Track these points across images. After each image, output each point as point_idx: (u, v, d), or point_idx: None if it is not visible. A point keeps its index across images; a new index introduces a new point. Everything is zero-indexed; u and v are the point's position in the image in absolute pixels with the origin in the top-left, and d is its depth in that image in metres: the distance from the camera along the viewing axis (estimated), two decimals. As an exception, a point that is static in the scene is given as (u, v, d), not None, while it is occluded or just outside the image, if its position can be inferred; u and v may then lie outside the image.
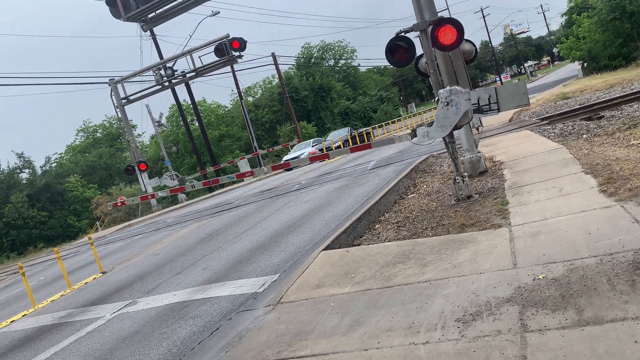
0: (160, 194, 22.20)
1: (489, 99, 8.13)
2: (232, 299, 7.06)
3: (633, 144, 9.77)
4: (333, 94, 64.65)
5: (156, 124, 34.40)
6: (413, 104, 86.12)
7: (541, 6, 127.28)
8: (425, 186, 11.72)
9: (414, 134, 8.77)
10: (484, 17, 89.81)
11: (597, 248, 5.07)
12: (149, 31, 34.08)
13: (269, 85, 65.60)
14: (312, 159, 10.98)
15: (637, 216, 5.61)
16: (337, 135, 36.27)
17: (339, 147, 33.58)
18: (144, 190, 32.10)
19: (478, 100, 8.17)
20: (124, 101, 31.02)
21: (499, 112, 8.38)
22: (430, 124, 8.66)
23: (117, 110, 31.42)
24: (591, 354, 3.35)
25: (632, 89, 20.83)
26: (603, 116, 15.48)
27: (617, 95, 18.98)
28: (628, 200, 6.20)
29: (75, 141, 69.76)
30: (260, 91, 67.04)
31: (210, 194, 34.63)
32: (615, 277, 4.32)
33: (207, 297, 7.51)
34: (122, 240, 20.02)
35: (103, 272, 12.52)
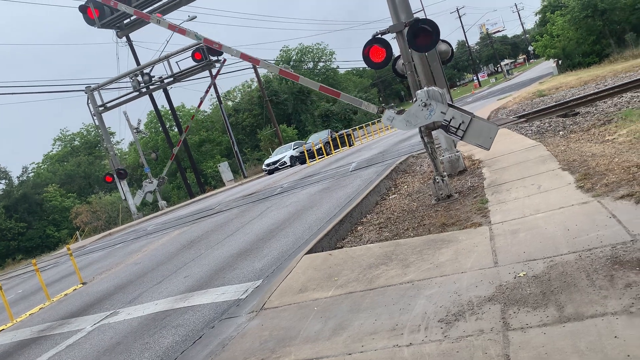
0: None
1: (459, 125, 8.21)
2: (214, 307, 6.99)
3: (608, 139, 9.93)
4: (313, 96, 64.66)
5: (134, 130, 34.00)
6: (392, 104, 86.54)
7: (515, 5, 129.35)
8: (406, 186, 11.76)
9: (382, 110, 8.77)
10: (459, 17, 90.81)
11: (576, 244, 5.12)
12: (124, 37, 33.73)
13: (249, 89, 65.36)
14: (282, 72, 10.85)
15: (613, 211, 5.68)
16: (318, 138, 35.52)
17: (320, 149, 32.92)
18: (123, 198, 31.78)
19: (450, 119, 8.24)
20: (101, 108, 30.73)
21: (461, 140, 8.47)
22: (400, 112, 8.69)
23: (94, 117, 31.12)
24: (573, 351, 3.37)
25: (606, 86, 21.22)
26: (578, 113, 15.72)
27: (591, 92, 19.31)
28: (605, 196, 6.29)
29: (52, 150, 68.71)
30: (239, 95, 66.79)
31: (191, 200, 34.35)
32: (594, 273, 4.36)
33: (189, 305, 7.43)
34: (102, 250, 19.73)
35: (83, 283, 12.32)
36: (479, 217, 7.26)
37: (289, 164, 34.58)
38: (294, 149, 36.09)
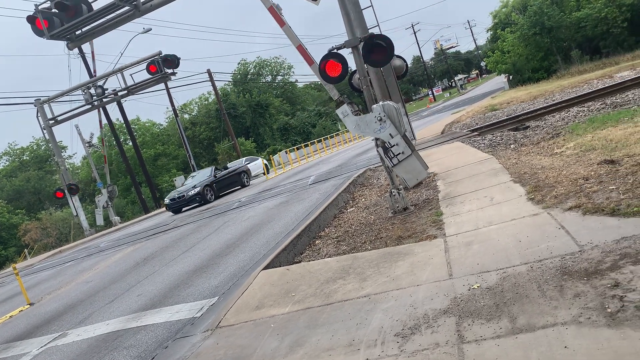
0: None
1: (399, 153, 8.54)
2: (168, 326, 6.79)
3: (556, 152, 10.27)
4: (271, 109, 64.68)
5: (87, 144, 33.04)
6: (354, 102, 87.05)
7: (468, 22, 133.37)
8: (363, 199, 11.82)
9: (341, 101, 8.85)
10: (414, 32, 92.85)
11: (527, 255, 5.22)
12: (77, 49, 32.93)
13: (206, 102, 64.84)
14: (271, 9, 10.17)
15: (562, 222, 5.85)
16: (199, 179, 25.56)
17: (196, 195, 23.89)
18: (75, 214, 30.73)
19: (394, 144, 8.50)
20: (51, 122, 29.74)
21: (392, 167, 8.81)
22: (356, 113, 8.82)
23: (44, 131, 30.07)
24: (525, 362, 3.42)
25: (554, 100, 22.04)
26: (528, 126, 16.24)
27: (541, 106, 20.01)
28: (554, 207, 6.47)
29: (-1, 165, 65.99)
30: (196, 108, 66.08)
31: (146, 215, 33.56)
32: (545, 284, 4.46)
33: (142, 325, 7.19)
34: (52, 268, 18.98)
35: (30, 304, 11.79)
36: (434, 229, 7.34)
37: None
38: (246, 163, 35.26)
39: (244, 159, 37.79)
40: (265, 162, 38.24)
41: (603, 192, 6.43)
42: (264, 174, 35.75)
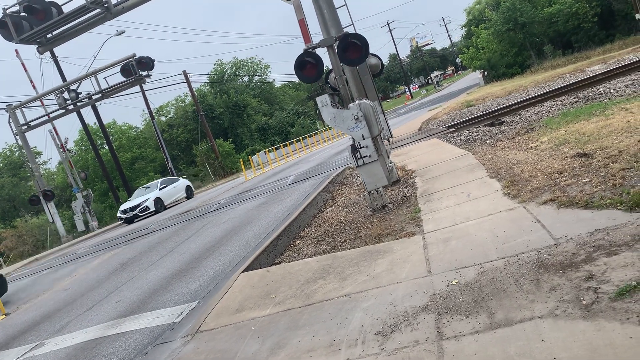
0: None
1: (365, 156, 8.73)
2: (148, 332, 6.70)
3: (531, 147, 10.40)
4: (249, 110, 64.30)
5: (61, 149, 32.47)
6: (335, 94, 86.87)
7: (443, 19, 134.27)
8: (342, 198, 11.83)
9: (320, 91, 8.94)
10: (390, 30, 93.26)
11: (504, 250, 5.28)
12: (48, 53, 32.35)
13: (182, 104, 64.19)
14: None
15: (538, 216, 5.92)
16: None
17: None
18: (51, 220, 30.20)
19: (364, 146, 8.69)
20: (24, 127, 29.17)
21: (356, 167, 9.09)
22: (335, 106, 8.92)
23: (17, 137, 29.48)
24: (504, 357, 3.44)
25: (528, 95, 22.33)
26: (504, 121, 16.42)
27: (515, 102, 20.24)
28: (529, 202, 6.55)
29: (-29, 173, 64.41)
30: (173, 110, 65.42)
31: (125, 220, 33.06)
32: (522, 278, 4.51)
33: (121, 332, 7.09)
34: (28, 276, 18.61)
35: (6, 314, 11.54)
36: (413, 226, 7.38)
37: (152, 209, 26.98)
38: (160, 189, 28.56)
39: (160, 180, 30.85)
40: (189, 183, 32.05)
41: (577, 185, 6.53)
42: (186, 198, 30.05)
